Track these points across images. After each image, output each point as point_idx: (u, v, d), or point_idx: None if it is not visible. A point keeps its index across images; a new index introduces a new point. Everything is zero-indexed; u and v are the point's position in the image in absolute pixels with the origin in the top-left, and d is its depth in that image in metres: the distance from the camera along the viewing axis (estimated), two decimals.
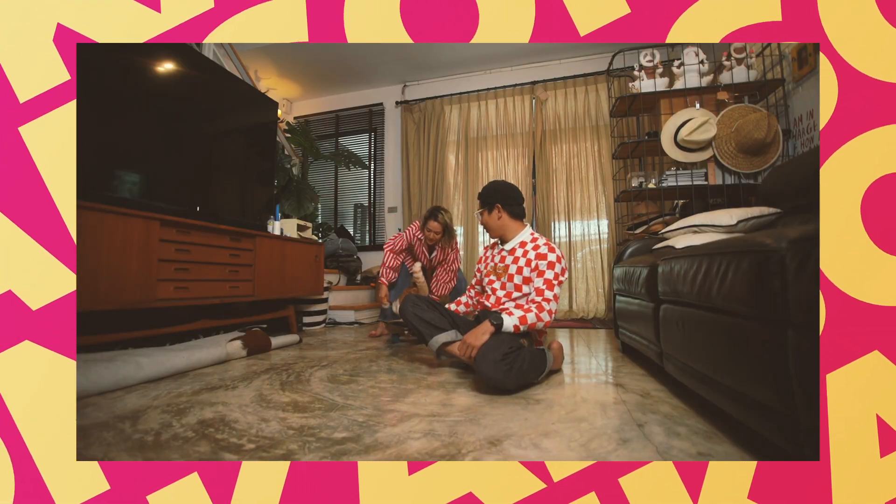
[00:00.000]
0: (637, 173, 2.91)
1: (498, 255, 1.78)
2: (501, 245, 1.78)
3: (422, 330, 1.69)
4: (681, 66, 2.59)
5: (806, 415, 0.67)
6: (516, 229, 1.75)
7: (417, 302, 1.75)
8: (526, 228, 1.76)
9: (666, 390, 1.39)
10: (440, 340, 1.65)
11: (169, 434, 1.02)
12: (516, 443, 0.96)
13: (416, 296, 1.79)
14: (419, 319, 1.70)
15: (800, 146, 2.36)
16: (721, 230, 1.69)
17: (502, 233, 1.76)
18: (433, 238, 2.60)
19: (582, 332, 2.96)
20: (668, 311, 1.29)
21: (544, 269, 1.61)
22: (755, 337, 0.78)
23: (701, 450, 0.91)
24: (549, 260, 1.61)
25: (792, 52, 2.36)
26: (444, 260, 2.79)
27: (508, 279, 1.70)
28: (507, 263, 1.72)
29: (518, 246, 1.72)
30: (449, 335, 1.67)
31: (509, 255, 1.73)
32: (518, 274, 1.67)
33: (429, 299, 1.79)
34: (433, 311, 1.73)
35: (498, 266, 1.76)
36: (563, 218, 3.88)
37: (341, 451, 0.92)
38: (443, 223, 2.56)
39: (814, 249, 0.67)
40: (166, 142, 2.04)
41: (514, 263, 1.69)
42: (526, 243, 1.70)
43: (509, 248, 1.74)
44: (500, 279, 1.73)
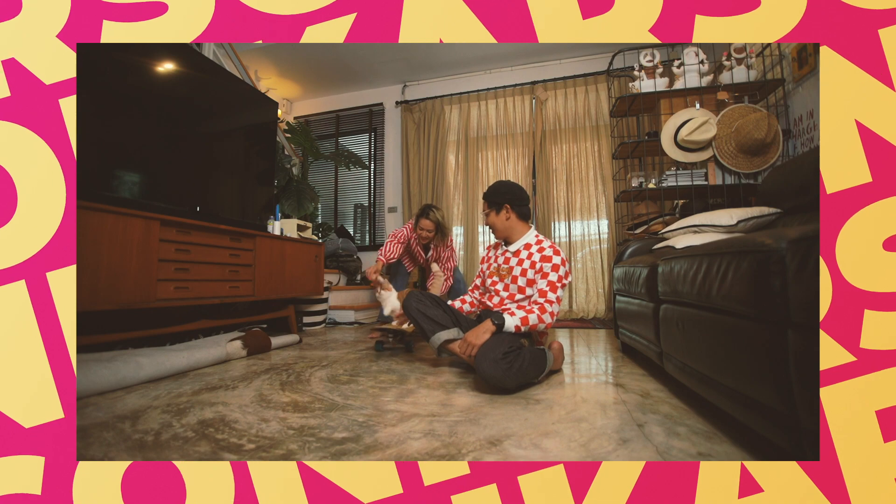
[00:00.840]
0: (637, 173, 2.91)
1: (502, 257, 1.77)
2: (506, 246, 1.77)
3: (424, 326, 1.69)
4: (681, 66, 2.59)
5: (806, 415, 0.67)
6: (522, 231, 1.74)
7: (421, 298, 1.74)
8: (531, 230, 1.75)
9: (666, 390, 1.39)
10: (442, 338, 1.65)
11: (169, 434, 1.02)
12: (516, 443, 0.96)
13: (420, 292, 1.78)
14: (422, 315, 1.69)
15: (800, 146, 2.36)
16: (721, 230, 1.69)
17: (508, 234, 1.74)
18: (426, 237, 2.59)
19: (582, 332, 2.96)
20: (668, 311, 1.29)
21: (548, 270, 1.60)
22: (755, 337, 0.78)
23: (701, 450, 0.91)
24: (554, 262, 1.61)
25: (792, 52, 2.36)
26: (438, 259, 2.78)
27: (512, 281, 1.69)
28: (511, 265, 1.71)
29: (523, 248, 1.71)
30: (451, 333, 1.66)
31: (514, 257, 1.71)
32: (522, 276, 1.66)
33: (433, 296, 1.78)
34: (436, 308, 1.72)
35: (502, 267, 1.75)
36: (563, 218, 3.88)
37: (341, 451, 0.92)
38: (435, 221, 2.54)
39: (814, 249, 0.67)
40: (166, 142, 2.04)
41: (518, 265, 1.68)
42: (531, 245, 1.69)
43: (514, 250, 1.72)
44: (503, 280, 1.73)
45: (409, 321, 1.85)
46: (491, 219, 1.74)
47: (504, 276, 1.72)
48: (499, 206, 1.72)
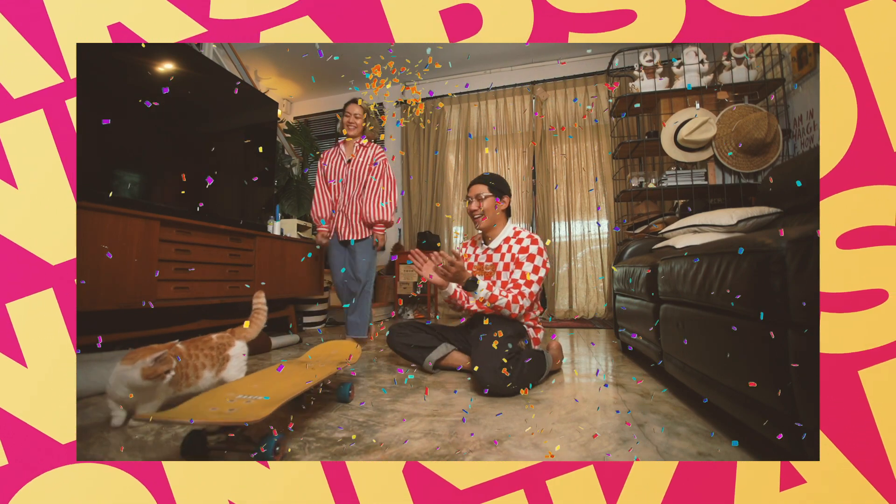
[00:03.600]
0: (637, 173, 2.91)
1: (483, 255, 1.76)
2: (486, 244, 1.76)
3: (412, 356, 1.70)
4: (681, 65, 2.59)
5: (806, 415, 0.67)
6: (503, 223, 1.75)
7: (400, 330, 1.73)
8: (510, 223, 1.77)
9: (666, 390, 1.39)
10: (433, 359, 1.66)
11: (169, 434, 1.02)
12: (516, 443, 0.96)
13: (398, 325, 1.77)
14: (407, 347, 1.70)
15: (800, 146, 2.36)
16: (721, 230, 1.69)
17: (493, 223, 1.73)
18: (356, 126, 2.28)
19: (582, 332, 2.96)
20: (668, 310, 1.29)
21: (524, 260, 1.61)
22: (755, 337, 0.78)
23: (701, 449, 0.91)
24: (530, 252, 1.61)
25: (792, 52, 2.36)
26: (367, 165, 2.28)
27: (497, 277, 1.69)
28: (494, 262, 1.71)
29: (503, 242, 1.71)
30: (440, 351, 1.67)
31: (496, 254, 1.71)
32: (505, 270, 1.67)
33: (413, 322, 1.78)
34: (419, 333, 1.72)
35: (485, 266, 1.74)
36: (563, 218, 3.88)
37: (341, 451, 0.92)
38: (364, 106, 2.30)
39: (814, 249, 0.67)
40: (166, 142, 2.04)
41: (500, 261, 1.69)
42: (510, 239, 1.70)
43: (495, 247, 1.72)
44: (489, 279, 1.72)
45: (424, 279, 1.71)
46: (488, 204, 1.70)
47: (489, 275, 1.72)
48: (501, 193, 1.72)
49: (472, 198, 1.72)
